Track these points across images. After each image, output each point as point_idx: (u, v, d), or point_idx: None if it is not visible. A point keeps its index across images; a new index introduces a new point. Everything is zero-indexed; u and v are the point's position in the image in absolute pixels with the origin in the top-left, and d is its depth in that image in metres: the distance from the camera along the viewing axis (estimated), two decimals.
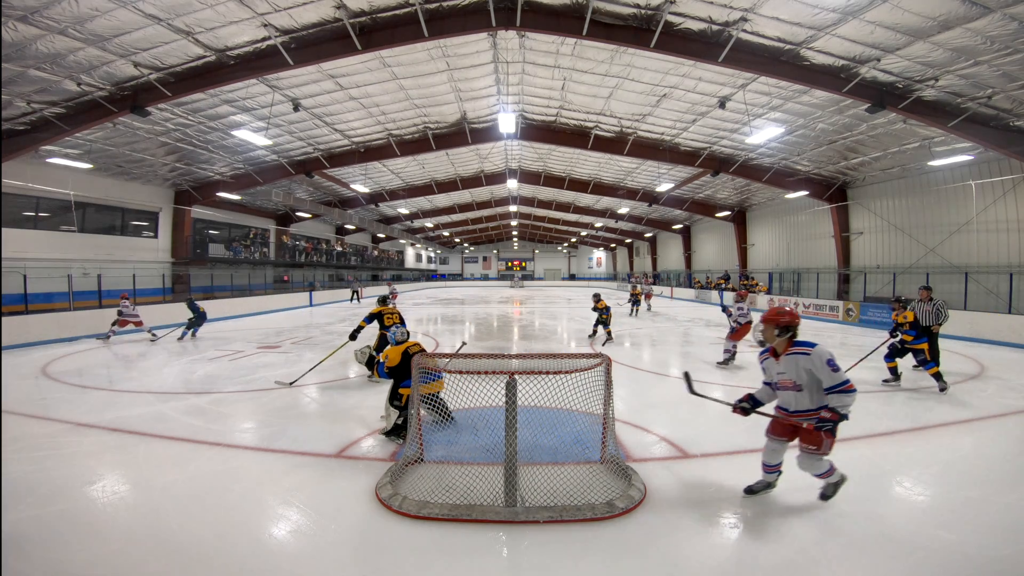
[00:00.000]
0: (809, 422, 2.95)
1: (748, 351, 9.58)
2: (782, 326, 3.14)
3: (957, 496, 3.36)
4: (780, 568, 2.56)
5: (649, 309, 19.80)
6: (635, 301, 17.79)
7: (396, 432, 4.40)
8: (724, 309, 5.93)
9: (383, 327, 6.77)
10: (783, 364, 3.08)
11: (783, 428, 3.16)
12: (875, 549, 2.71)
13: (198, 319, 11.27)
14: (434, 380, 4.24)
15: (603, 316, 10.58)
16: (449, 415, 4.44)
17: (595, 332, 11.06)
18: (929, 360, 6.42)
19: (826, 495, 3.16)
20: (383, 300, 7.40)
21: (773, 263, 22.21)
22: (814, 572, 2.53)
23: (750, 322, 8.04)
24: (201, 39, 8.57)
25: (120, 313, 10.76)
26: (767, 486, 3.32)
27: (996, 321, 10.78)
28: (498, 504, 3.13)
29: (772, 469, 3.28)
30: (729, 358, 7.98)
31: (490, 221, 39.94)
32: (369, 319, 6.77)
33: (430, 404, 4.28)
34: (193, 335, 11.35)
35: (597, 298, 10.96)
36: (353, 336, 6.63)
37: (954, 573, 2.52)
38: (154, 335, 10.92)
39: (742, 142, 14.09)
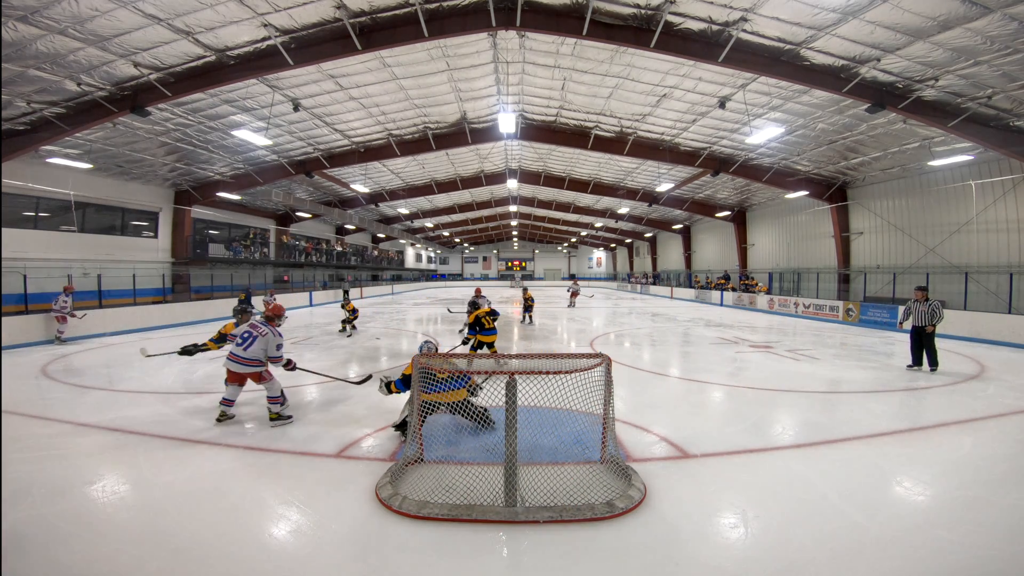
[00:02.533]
0: None
1: (750, 351, 9.59)
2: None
3: (957, 496, 3.36)
4: (780, 568, 2.55)
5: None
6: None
7: (406, 427, 4.38)
8: None
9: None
10: None
11: None
12: (875, 549, 2.71)
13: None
14: (457, 388, 4.17)
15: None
16: (488, 419, 4.46)
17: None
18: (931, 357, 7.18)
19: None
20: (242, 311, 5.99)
21: (773, 263, 22.21)
22: (814, 572, 2.53)
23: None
24: (201, 39, 8.57)
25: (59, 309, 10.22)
26: None
27: (996, 321, 10.78)
28: (498, 504, 3.13)
29: None
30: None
31: (490, 221, 39.94)
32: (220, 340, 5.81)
33: (464, 412, 4.23)
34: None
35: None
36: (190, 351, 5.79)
37: (954, 573, 2.52)
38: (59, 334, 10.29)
39: (742, 142, 14.10)
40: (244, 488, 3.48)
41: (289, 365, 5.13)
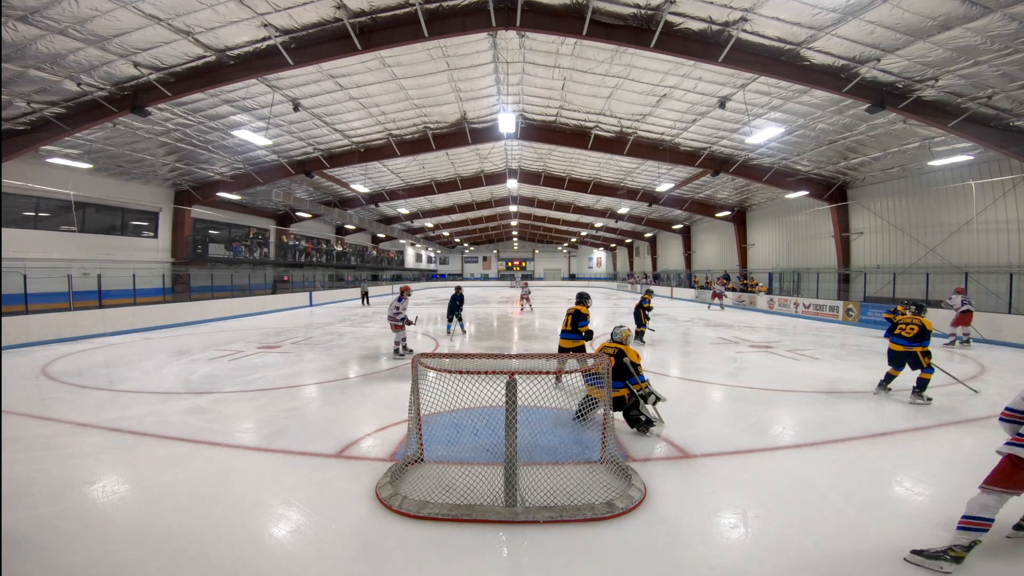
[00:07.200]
0: None
1: (750, 351, 9.58)
2: None
3: (957, 496, 3.34)
4: (780, 568, 2.55)
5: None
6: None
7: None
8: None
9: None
10: None
11: None
12: (875, 549, 2.71)
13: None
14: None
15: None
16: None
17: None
18: None
19: None
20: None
21: (773, 263, 22.21)
22: (814, 572, 2.53)
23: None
24: (201, 39, 8.57)
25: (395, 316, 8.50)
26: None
27: (996, 321, 10.78)
28: (498, 504, 3.13)
29: None
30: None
31: (490, 221, 39.94)
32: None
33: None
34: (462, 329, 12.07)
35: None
36: None
37: (954, 572, 2.51)
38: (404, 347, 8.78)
39: (742, 142, 14.09)
40: (244, 488, 3.48)
41: None
